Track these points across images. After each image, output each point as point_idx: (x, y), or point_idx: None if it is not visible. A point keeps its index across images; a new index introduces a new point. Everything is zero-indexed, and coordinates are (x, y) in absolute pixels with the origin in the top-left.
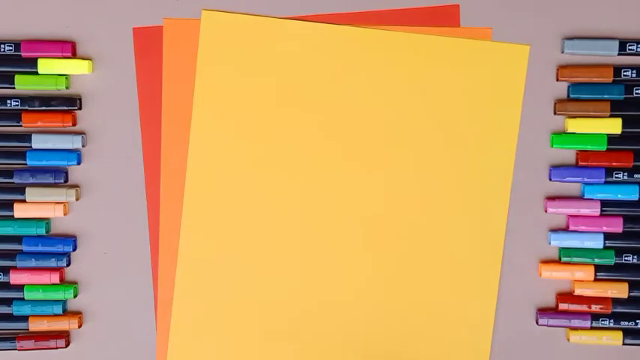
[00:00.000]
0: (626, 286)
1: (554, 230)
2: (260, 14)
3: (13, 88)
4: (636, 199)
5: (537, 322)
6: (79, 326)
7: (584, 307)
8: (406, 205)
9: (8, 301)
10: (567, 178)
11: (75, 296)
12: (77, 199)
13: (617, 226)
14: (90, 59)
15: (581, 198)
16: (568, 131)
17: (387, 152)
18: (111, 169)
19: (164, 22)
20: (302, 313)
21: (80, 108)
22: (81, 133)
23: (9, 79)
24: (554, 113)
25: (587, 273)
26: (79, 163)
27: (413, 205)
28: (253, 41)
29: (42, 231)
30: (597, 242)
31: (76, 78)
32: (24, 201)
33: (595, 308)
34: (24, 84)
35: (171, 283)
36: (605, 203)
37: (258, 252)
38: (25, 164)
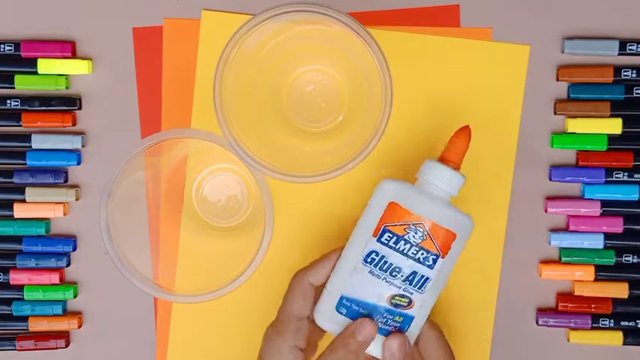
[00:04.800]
0: (626, 286)
1: (555, 230)
2: None
3: (13, 88)
4: (636, 199)
5: (537, 322)
6: (79, 326)
7: (584, 307)
8: None
9: (8, 301)
10: (567, 178)
11: (75, 296)
12: (77, 199)
13: (617, 226)
14: (90, 59)
15: (581, 198)
16: (568, 131)
17: (386, 150)
18: (111, 169)
19: (164, 22)
20: None
21: (80, 108)
22: (81, 133)
23: (9, 79)
24: (555, 113)
25: (588, 273)
26: (78, 163)
27: None
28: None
29: (42, 231)
30: (597, 242)
31: (76, 78)
32: (24, 201)
33: (595, 308)
34: (24, 84)
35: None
36: (605, 203)
37: None
38: (25, 164)
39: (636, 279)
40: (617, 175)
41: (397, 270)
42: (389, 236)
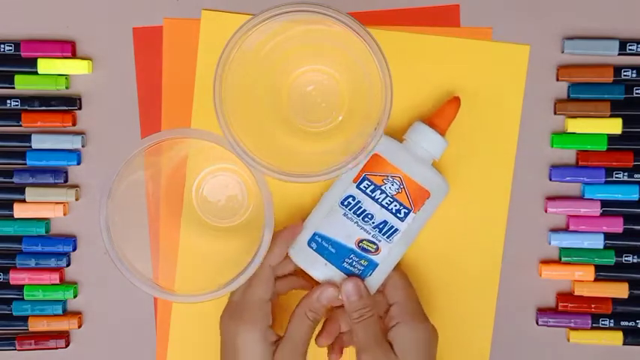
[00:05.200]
0: (626, 286)
1: (555, 230)
2: None
3: (13, 88)
4: (636, 199)
5: (537, 322)
6: (79, 326)
7: (584, 307)
8: None
9: (8, 301)
10: (567, 178)
11: (75, 296)
12: (77, 199)
13: (617, 226)
14: (90, 59)
15: (581, 198)
16: (568, 131)
17: None
18: (111, 169)
19: (164, 22)
20: None
21: (80, 108)
22: (81, 133)
23: (9, 79)
24: (554, 113)
25: (588, 273)
26: (78, 163)
27: None
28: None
29: (42, 231)
30: (597, 242)
31: (76, 78)
32: (24, 201)
33: (595, 308)
34: (24, 84)
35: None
36: (605, 203)
37: None
38: (25, 164)
39: (636, 279)
40: (617, 175)
41: (369, 216)
42: (367, 184)
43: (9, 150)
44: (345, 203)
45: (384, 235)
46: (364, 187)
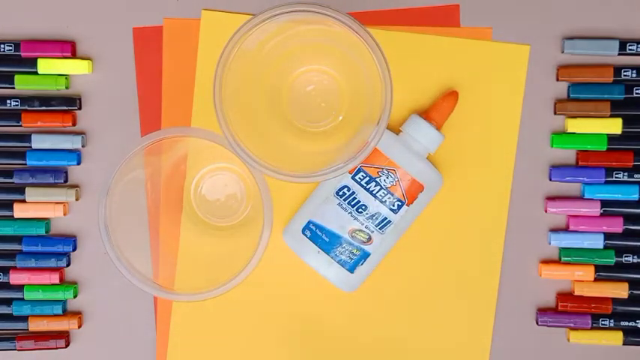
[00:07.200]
0: (626, 285)
1: (555, 230)
2: None
3: (13, 88)
4: (636, 199)
5: (537, 322)
6: (79, 326)
7: (584, 307)
8: None
9: (8, 301)
10: (567, 178)
11: (75, 296)
12: (77, 199)
13: (617, 226)
14: (90, 59)
15: (581, 198)
16: (568, 131)
17: None
18: (111, 169)
19: (164, 22)
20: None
21: (80, 108)
22: (81, 133)
23: (9, 79)
24: (554, 113)
25: (588, 273)
26: (78, 163)
27: None
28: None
29: (42, 231)
30: (597, 242)
31: (76, 78)
32: (24, 201)
33: (595, 308)
34: (24, 84)
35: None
36: (605, 203)
37: None
38: (25, 164)
39: (636, 279)
40: (617, 175)
41: (363, 207)
42: (362, 175)
43: (9, 150)
44: (340, 193)
45: (376, 226)
46: (359, 178)
